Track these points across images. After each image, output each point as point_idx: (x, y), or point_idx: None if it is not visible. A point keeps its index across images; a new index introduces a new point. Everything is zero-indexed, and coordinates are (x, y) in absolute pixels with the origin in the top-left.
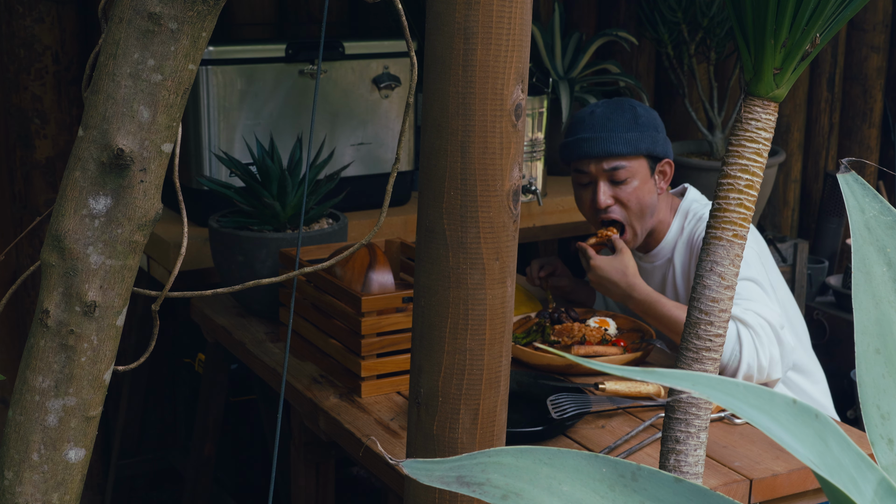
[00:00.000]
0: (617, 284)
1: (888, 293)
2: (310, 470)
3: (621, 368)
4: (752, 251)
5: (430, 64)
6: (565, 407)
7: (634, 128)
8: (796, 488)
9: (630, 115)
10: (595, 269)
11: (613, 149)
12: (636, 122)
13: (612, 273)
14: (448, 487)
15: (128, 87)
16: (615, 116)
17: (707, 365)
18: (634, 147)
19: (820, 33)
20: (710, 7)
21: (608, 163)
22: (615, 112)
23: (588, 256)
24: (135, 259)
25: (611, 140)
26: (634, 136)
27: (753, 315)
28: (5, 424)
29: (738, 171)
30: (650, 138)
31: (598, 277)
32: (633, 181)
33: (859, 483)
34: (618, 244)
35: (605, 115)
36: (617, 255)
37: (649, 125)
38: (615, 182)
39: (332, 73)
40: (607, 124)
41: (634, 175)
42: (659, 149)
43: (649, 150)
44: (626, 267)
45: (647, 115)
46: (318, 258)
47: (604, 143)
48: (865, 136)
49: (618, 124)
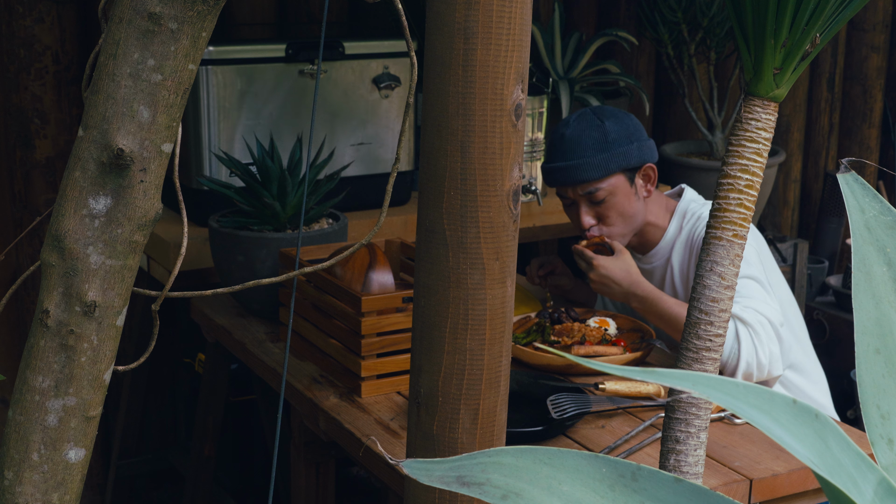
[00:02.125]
0: (620, 283)
1: (888, 293)
2: (310, 470)
3: (621, 368)
4: (751, 249)
5: (430, 64)
6: (565, 407)
7: (604, 147)
8: (796, 488)
9: (598, 134)
10: (598, 269)
11: (584, 176)
12: (605, 141)
13: (616, 272)
14: (448, 487)
15: (128, 87)
16: (583, 139)
17: (707, 365)
18: (605, 169)
19: (820, 33)
20: (710, 7)
21: (582, 188)
22: (583, 133)
23: (589, 257)
24: (135, 259)
25: (581, 168)
26: (604, 158)
27: (752, 312)
28: (5, 424)
29: (738, 171)
30: (621, 155)
31: (602, 277)
32: (613, 198)
33: (859, 483)
34: (615, 245)
35: (574, 139)
36: (618, 255)
37: (620, 139)
38: (594, 202)
39: (332, 73)
40: (576, 150)
41: (613, 192)
42: (633, 160)
43: (622, 166)
44: (629, 265)
45: (616, 128)
46: (318, 258)
47: (575, 171)
48: (865, 136)
49: (587, 148)
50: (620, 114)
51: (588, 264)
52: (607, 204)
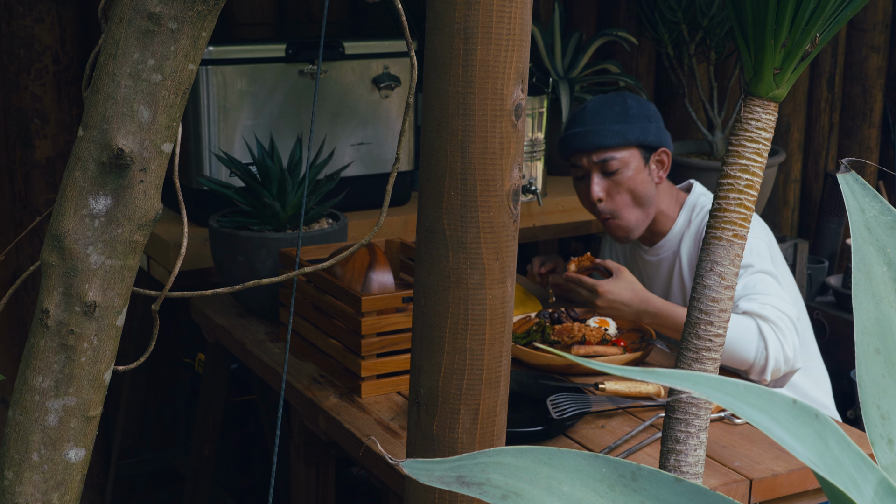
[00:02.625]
0: (630, 304)
1: (888, 293)
2: (310, 470)
3: (621, 368)
4: (763, 244)
5: (430, 64)
6: (565, 407)
7: (623, 119)
8: (796, 488)
9: (620, 108)
10: (605, 295)
11: (601, 141)
12: (626, 114)
13: (623, 294)
14: (448, 487)
15: (128, 87)
16: (605, 109)
17: (707, 365)
18: (623, 138)
19: (820, 33)
20: (710, 7)
21: (598, 155)
22: (605, 105)
23: (591, 284)
24: (135, 259)
25: (599, 133)
26: (623, 128)
27: (771, 308)
28: (5, 424)
29: (738, 171)
30: (640, 128)
31: (610, 302)
32: (626, 171)
33: (859, 483)
34: (610, 265)
35: (595, 109)
36: (618, 275)
37: (640, 116)
38: (607, 173)
39: (332, 73)
40: (596, 117)
41: (626, 165)
42: (651, 138)
43: (639, 139)
44: (633, 283)
45: (638, 106)
46: (318, 258)
47: (592, 136)
48: (865, 136)
49: (607, 117)
50: (641, 98)
51: (591, 291)
52: (619, 177)
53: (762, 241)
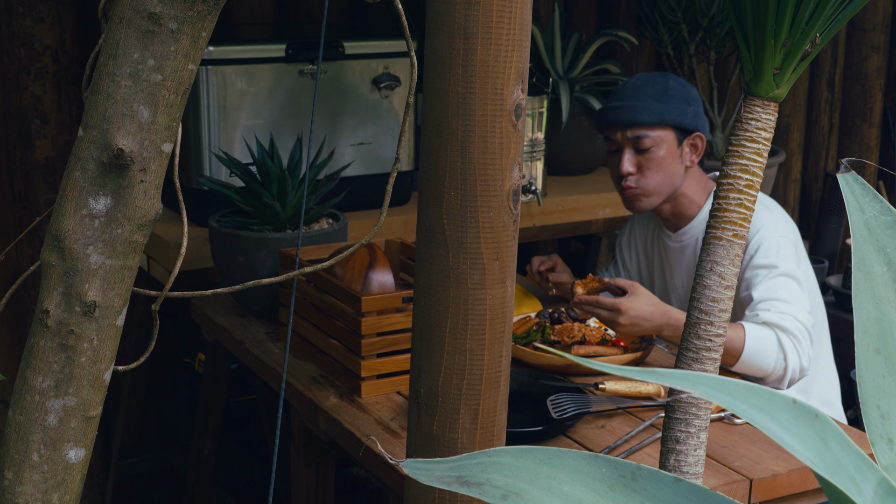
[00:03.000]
0: (651, 318)
1: (888, 293)
2: (310, 470)
3: (621, 368)
4: (790, 244)
5: (430, 64)
6: (565, 407)
7: (662, 99)
8: (796, 488)
9: (661, 87)
10: (628, 312)
11: (637, 118)
12: (665, 94)
13: (645, 309)
14: (448, 487)
15: (128, 87)
16: (645, 87)
17: (707, 365)
18: (659, 117)
19: (820, 33)
20: (710, 7)
21: (632, 131)
22: (646, 83)
23: (610, 304)
24: (135, 259)
25: (636, 109)
26: (660, 107)
27: (791, 319)
28: (5, 424)
29: (738, 171)
30: (677, 110)
31: (633, 319)
32: (658, 150)
33: (859, 483)
34: (623, 283)
35: (636, 86)
36: (634, 291)
37: (679, 97)
38: (639, 150)
39: (332, 73)
40: (636, 94)
41: (659, 145)
42: (688, 121)
43: (675, 121)
44: (650, 297)
45: (679, 87)
46: (318, 258)
47: (629, 111)
48: (865, 136)
49: (646, 94)
50: (684, 81)
51: (613, 311)
52: (651, 155)
53: (789, 240)
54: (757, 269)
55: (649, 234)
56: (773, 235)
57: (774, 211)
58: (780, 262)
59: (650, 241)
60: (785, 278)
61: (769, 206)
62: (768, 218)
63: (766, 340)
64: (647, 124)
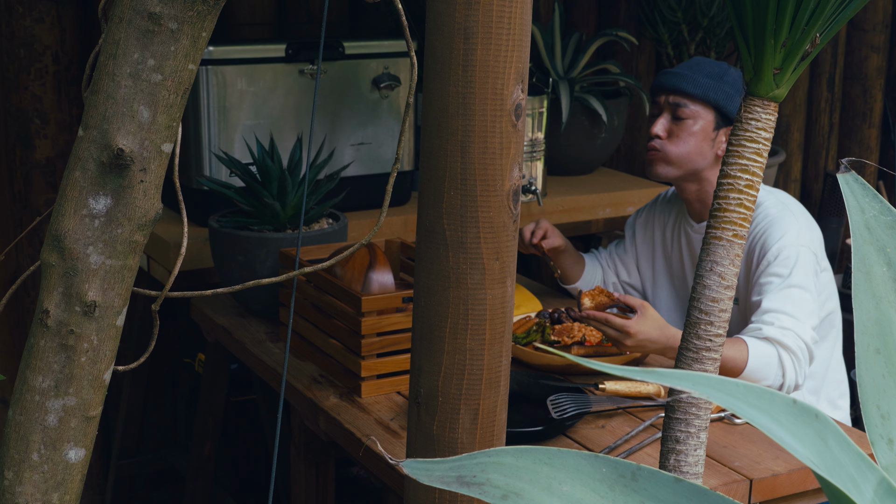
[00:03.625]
0: (657, 341)
1: (888, 293)
2: (310, 470)
3: (621, 368)
4: (809, 252)
5: (430, 64)
6: (565, 407)
7: (715, 78)
8: (796, 488)
9: (719, 69)
10: (636, 336)
11: (684, 86)
12: (720, 76)
13: (653, 332)
14: (448, 487)
15: (128, 87)
16: (704, 64)
17: (707, 365)
18: (704, 92)
19: (820, 33)
20: (710, 7)
21: (675, 97)
22: (709, 63)
23: (620, 324)
24: (135, 259)
25: (686, 78)
26: (710, 84)
27: (793, 337)
28: (5, 424)
29: (738, 171)
30: (725, 94)
31: (640, 341)
32: (693, 124)
33: (859, 483)
34: (632, 302)
35: (697, 61)
36: (643, 311)
37: (733, 84)
38: (676, 118)
39: (332, 73)
40: (694, 67)
41: (696, 119)
42: (731, 108)
43: (718, 102)
44: (658, 319)
45: (735, 77)
46: (318, 258)
47: (678, 78)
48: (865, 136)
49: (702, 70)
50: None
51: (621, 332)
52: (684, 125)
53: (810, 249)
54: (772, 277)
55: (671, 220)
56: (793, 245)
57: (800, 217)
58: (795, 272)
59: (672, 228)
60: (797, 290)
61: (795, 213)
62: (792, 225)
63: (767, 358)
64: (691, 95)
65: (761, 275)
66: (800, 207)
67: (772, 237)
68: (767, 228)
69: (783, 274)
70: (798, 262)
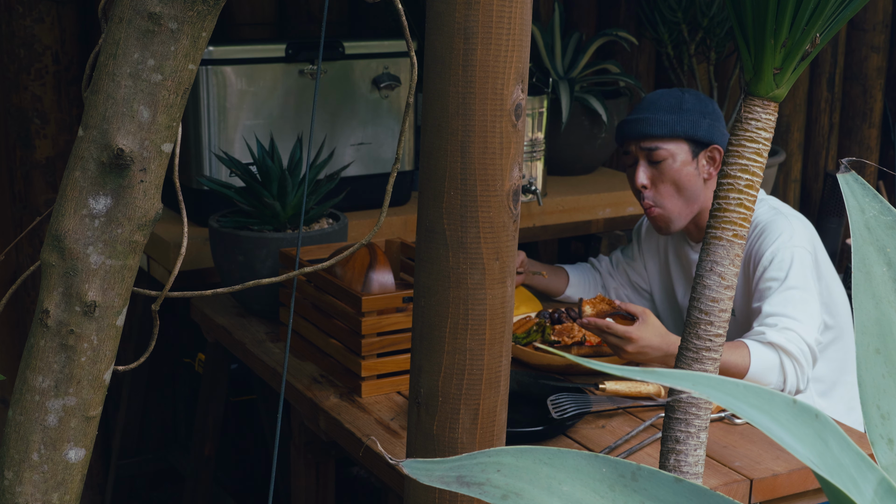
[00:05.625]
0: (658, 348)
1: (888, 293)
2: (310, 470)
3: (621, 368)
4: (805, 253)
5: (430, 64)
6: (565, 407)
7: (676, 111)
8: (796, 488)
9: (675, 100)
10: (638, 342)
11: (649, 130)
12: (679, 107)
13: (654, 339)
14: (448, 487)
15: (128, 87)
16: (660, 100)
17: (707, 365)
18: (671, 129)
19: (820, 33)
20: (710, 7)
21: (645, 143)
22: (662, 96)
23: (621, 332)
24: (135, 259)
25: (649, 122)
26: (673, 119)
27: (796, 341)
28: (5, 424)
29: (738, 171)
30: (691, 122)
31: (641, 348)
32: (671, 163)
33: (859, 483)
34: (633, 309)
35: (651, 99)
36: (644, 319)
37: (694, 110)
38: (653, 162)
39: (332, 73)
40: (650, 107)
41: (672, 157)
42: (701, 133)
43: (688, 133)
44: (659, 326)
45: (695, 101)
46: (318, 258)
47: (642, 124)
48: (865, 136)
49: (660, 107)
50: (703, 95)
51: (622, 338)
52: (664, 168)
53: (806, 250)
54: (770, 282)
55: (670, 242)
56: (787, 247)
57: (792, 218)
58: (792, 274)
59: (671, 250)
60: (795, 291)
61: (786, 214)
62: (785, 227)
63: (769, 364)
64: (659, 136)
65: (759, 281)
66: (792, 210)
67: (765, 243)
68: (760, 235)
69: (780, 277)
70: (794, 264)
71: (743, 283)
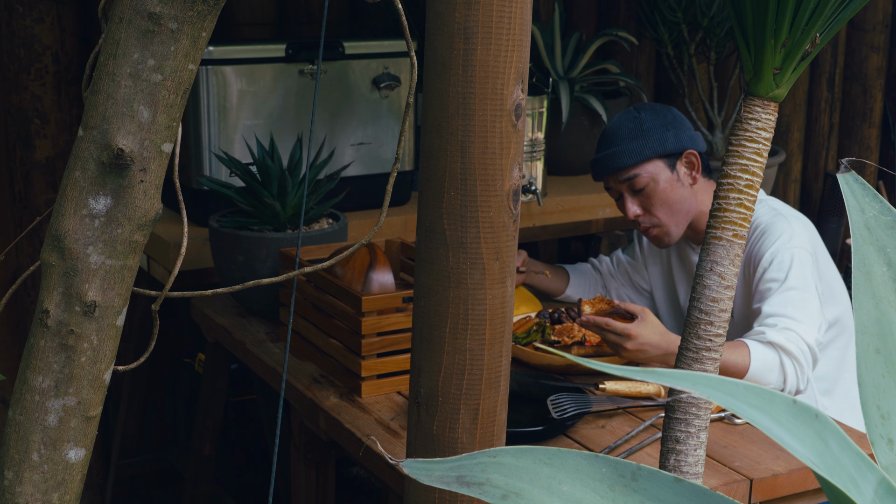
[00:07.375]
0: (658, 346)
1: (888, 293)
2: (310, 470)
3: (621, 368)
4: (805, 253)
5: (430, 64)
6: (565, 407)
7: (638, 135)
8: (796, 488)
9: (633, 124)
10: (637, 339)
11: (621, 162)
12: (640, 130)
13: (653, 337)
14: (448, 487)
15: (128, 87)
16: (619, 130)
17: (707, 365)
18: (640, 154)
19: (820, 33)
20: (710, 7)
21: (622, 175)
22: (619, 125)
23: (620, 329)
24: (135, 259)
25: (617, 155)
26: (638, 145)
27: (796, 341)
28: (5, 424)
29: (738, 171)
30: (656, 140)
31: (640, 346)
32: (654, 185)
33: (859, 483)
34: (633, 308)
35: (611, 131)
36: (643, 317)
37: (655, 127)
38: (636, 191)
39: (332, 73)
40: (613, 139)
41: (654, 179)
42: (670, 146)
43: (658, 151)
44: (659, 325)
45: (653, 118)
46: (318, 258)
47: (612, 158)
48: (865, 136)
49: (622, 136)
50: (659, 106)
51: (621, 336)
52: (649, 191)
53: (806, 250)
54: (770, 283)
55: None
56: (787, 248)
57: (792, 219)
58: (791, 275)
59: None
60: (795, 292)
61: (786, 215)
62: (785, 228)
63: (769, 364)
64: (632, 165)
65: (759, 282)
66: (792, 211)
67: (765, 244)
68: (760, 237)
69: (779, 278)
70: (794, 265)
71: (742, 285)
